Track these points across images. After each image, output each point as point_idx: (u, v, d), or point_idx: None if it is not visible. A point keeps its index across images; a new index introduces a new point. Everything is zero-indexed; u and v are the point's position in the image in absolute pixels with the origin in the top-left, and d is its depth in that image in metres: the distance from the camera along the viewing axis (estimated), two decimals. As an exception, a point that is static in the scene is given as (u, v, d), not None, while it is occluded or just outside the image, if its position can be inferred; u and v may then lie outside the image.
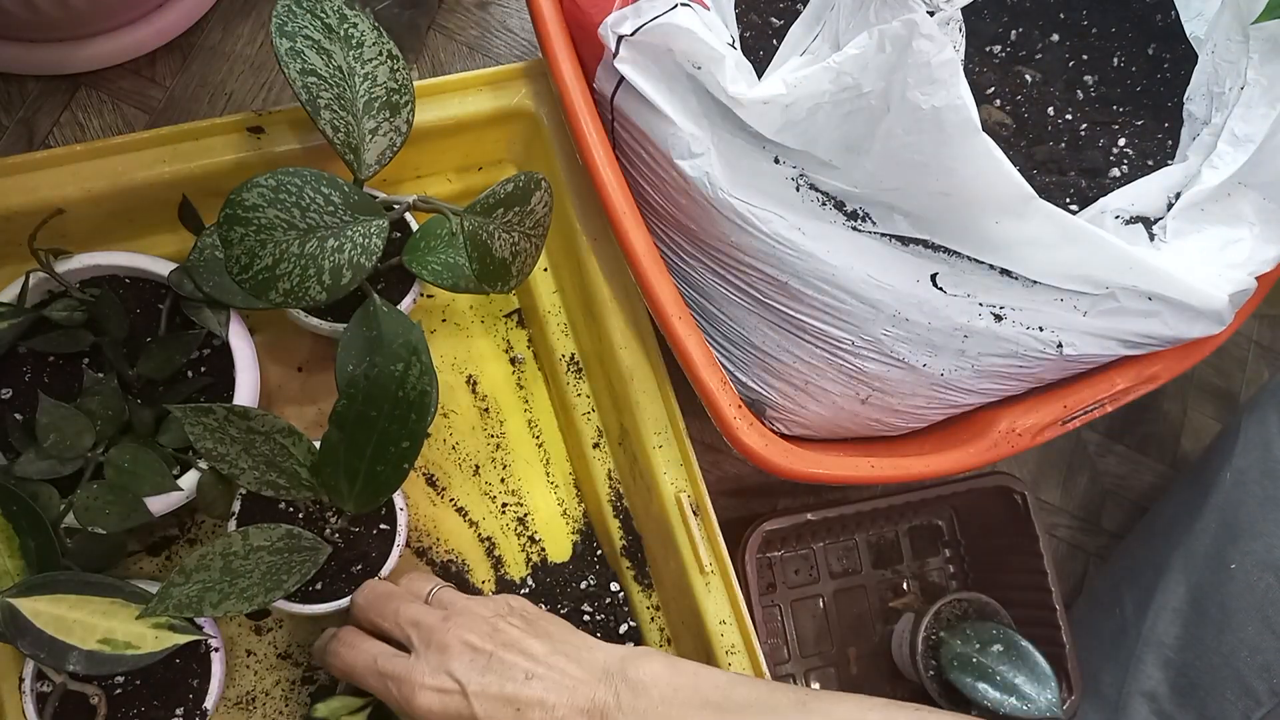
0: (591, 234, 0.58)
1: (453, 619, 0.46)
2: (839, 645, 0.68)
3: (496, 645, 0.45)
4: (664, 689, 0.43)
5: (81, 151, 0.51)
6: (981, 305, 0.49)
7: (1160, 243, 0.51)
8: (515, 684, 0.43)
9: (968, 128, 0.43)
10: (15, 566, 0.44)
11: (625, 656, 0.45)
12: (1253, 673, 0.59)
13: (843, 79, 0.44)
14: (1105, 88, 0.62)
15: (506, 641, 0.45)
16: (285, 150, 0.54)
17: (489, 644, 0.45)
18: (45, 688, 0.46)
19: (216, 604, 0.45)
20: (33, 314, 0.48)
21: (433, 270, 0.50)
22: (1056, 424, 0.56)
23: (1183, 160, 0.55)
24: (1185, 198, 0.52)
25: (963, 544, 0.72)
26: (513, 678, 0.43)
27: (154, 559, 0.55)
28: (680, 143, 0.49)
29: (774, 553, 0.68)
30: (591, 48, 0.52)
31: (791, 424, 0.58)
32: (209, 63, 0.65)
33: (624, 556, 0.60)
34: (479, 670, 0.44)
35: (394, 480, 0.47)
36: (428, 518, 0.59)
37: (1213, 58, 0.55)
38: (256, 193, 0.43)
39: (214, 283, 0.49)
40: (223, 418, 0.45)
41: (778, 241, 0.49)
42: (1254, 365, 0.84)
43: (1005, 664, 0.61)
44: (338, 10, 0.49)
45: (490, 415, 0.62)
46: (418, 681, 0.44)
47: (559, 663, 0.44)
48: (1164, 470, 0.80)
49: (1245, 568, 0.60)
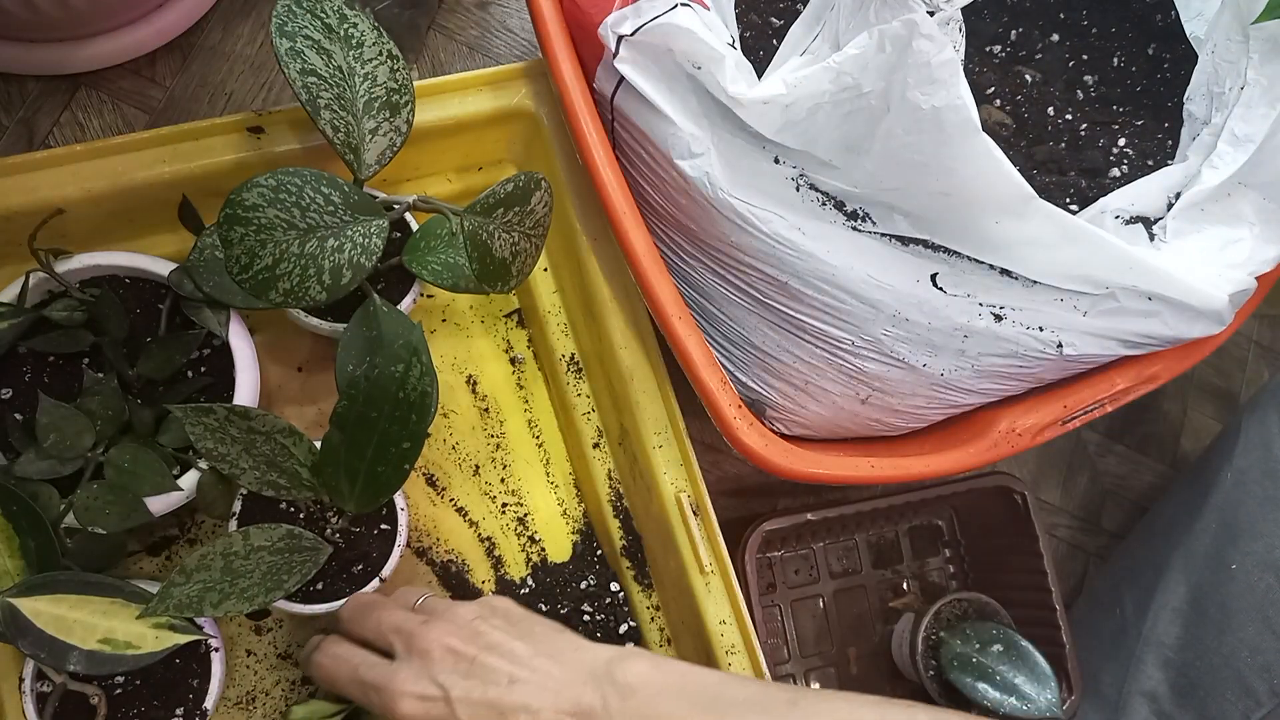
0: (591, 234, 0.58)
1: (432, 623, 0.45)
2: (839, 645, 0.68)
3: (479, 649, 0.43)
4: (652, 690, 0.42)
5: (81, 151, 0.51)
6: (981, 305, 0.49)
7: (1160, 243, 0.51)
8: (499, 688, 0.42)
9: (968, 128, 0.43)
10: (15, 566, 0.44)
11: (611, 658, 0.44)
12: (1253, 673, 0.59)
13: (843, 79, 0.44)
14: (1105, 88, 0.62)
15: (489, 645, 0.44)
16: (285, 150, 0.54)
17: (471, 648, 0.44)
18: (45, 688, 0.46)
19: (217, 604, 0.45)
20: (33, 314, 0.48)
21: (433, 270, 0.50)
22: (1056, 424, 0.56)
23: (1183, 160, 0.55)
24: (1185, 198, 0.52)
25: (963, 544, 0.72)
26: (496, 682, 0.42)
27: (154, 559, 0.55)
28: (680, 143, 0.49)
29: (774, 553, 0.68)
30: (591, 48, 0.52)
31: (791, 424, 0.58)
32: (209, 63, 0.65)
33: (624, 556, 0.60)
34: (461, 675, 0.43)
35: (395, 480, 0.47)
36: (428, 518, 0.59)
37: (1213, 58, 0.55)
38: (256, 193, 0.43)
39: (214, 283, 0.49)
40: (223, 418, 0.45)
41: (778, 241, 0.49)
42: (1254, 365, 0.84)
43: (1005, 664, 0.61)
44: (338, 10, 0.49)
45: (490, 415, 0.62)
46: (399, 690, 0.43)
47: (543, 665, 0.43)
48: (1164, 470, 0.80)
49: (1246, 568, 0.60)
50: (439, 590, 0.59)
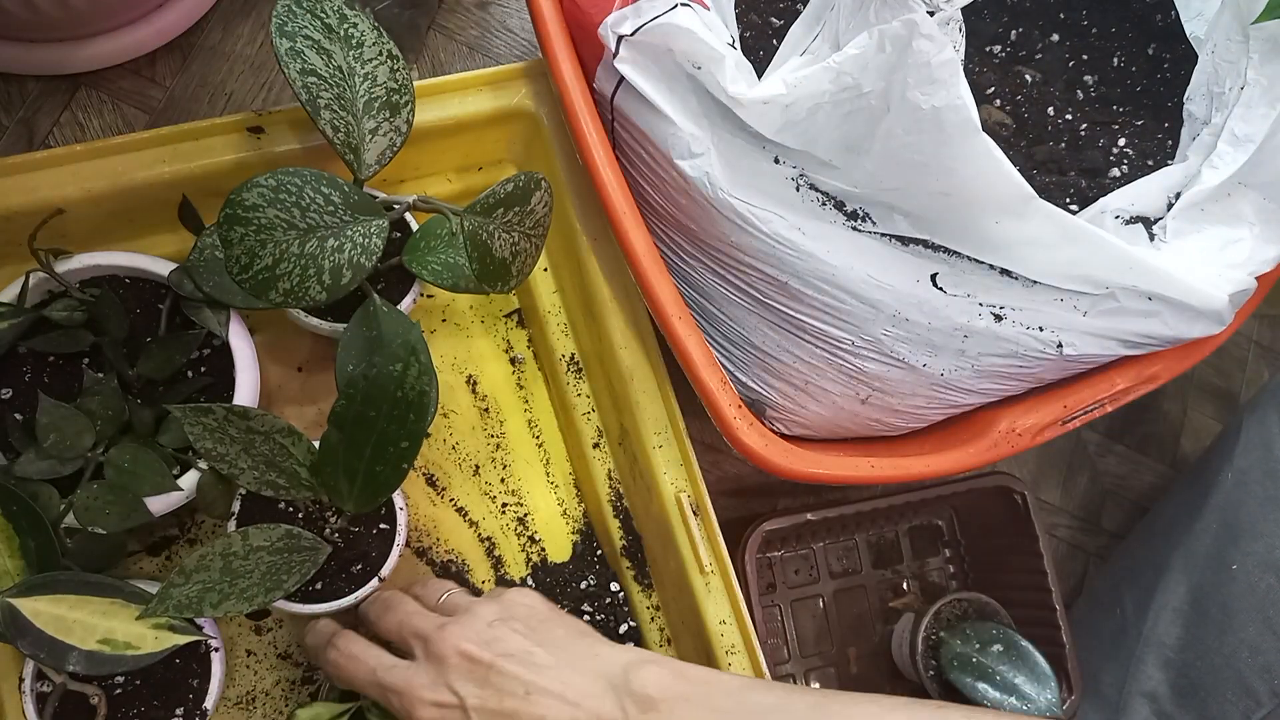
0: (591, 234, 0.58)
1: (449, 627, 0.45)
2: (839, 645, 0.68)
3: (495, 655, 0.43)
4: (673, 701, 0.41)
5: (81, 151, 0.51)
6: (981, 305, 0.49)
7: (1160, 243, 0.51)
8: (515, 699, 0.42)
9: (968, 127, 0.43)
10: (15, 566, 0.44)
11: (630, 664, 0.43)
12: (1254, 673, 0.59)
13: (843, 79, 0.44)
14: (1105, 88, 0.62)
15: (505, 651, 0.43)
16: (285, 150, 0.54)
17: (487, 653, 0.43)
18: (45, 688, 0.46)
19: (217, 604, 0.45)
20: (33, 314, 0.48)
21: (433, 270, 0.50)
22: (1056, 424, 0.56)
23: (1183, 160, 0.55)
24: (1185, 198, 0.52)
25: (963, 544, 0.72)
26: (513, 692, 0.42)
27: (154, 559, 0.55)
28: (680, 143, 0.49)
29: (774, 553, 0.68)
30: (591, 48, 0.52)
31: (791, 424, 0.58)
32: (209, 63, 0.65)
33: (624, 556, 0.60)
34: (477, 683, 0.42)
35: (393, 480, 0.47)
36: (428, 518, 0.59)
37: (1213, 58, 0.55)
38: (256, 193, 0.43)
39: (214, 283, 0.49)
40: (223, 418, 0.45)
41: (778, 241, 0.49)
42: (1254, 365, 0.84)
43: (1005, 664, 0.61)
44: (338, 10, 0.49)
45: (490, 415, 0.62)
46: (417, 696, 0.43)
47: (562, 675, 0.43)
48: (1164, 470, 0.80)
49: (1247, 568, 0.60)
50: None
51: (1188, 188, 0.52)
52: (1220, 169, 0.52)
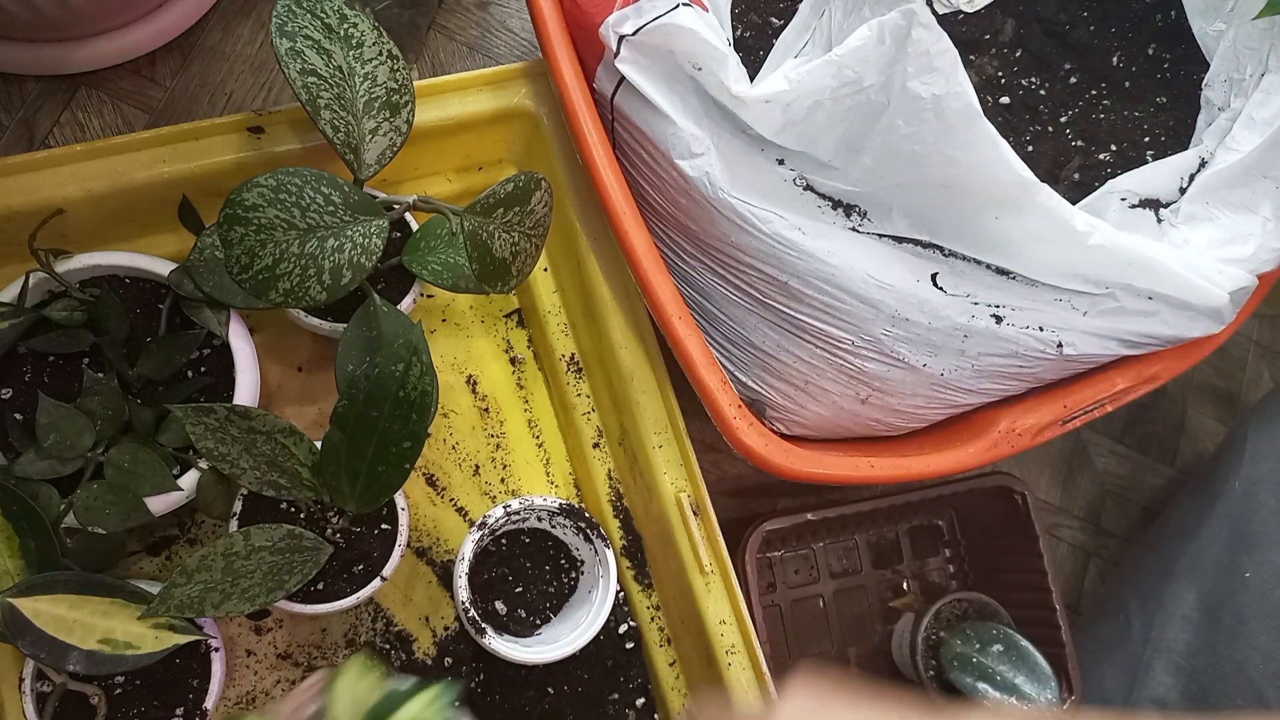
0: (591, 234, 0.58)
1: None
2: (839, 645, 0.68)
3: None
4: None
5: (81, 151, 0.51)
6: (982, 305, 0.49)
7: (1169, 227, 0.51)
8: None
9: (969, 113, 0.42)
10: (15, 566, 0.44)
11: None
12: (1266, 680, 0.59)
13: (844, 73, 0.44)
14: (1106, 87, 0.62)
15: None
16: (285, 150, 0.54)
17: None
18: (45, 688, 0.46)
19: (218, 604, 0.45)
20: (33, 314, 0.48)
21: (433, 270, 0.50)
22: (1056, 424, 0.56)
23: (1198, 144, 0.54)
24: (1200, 180, 0.51)
25: (963, 544, 0.72)
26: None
27: (154, 559, 0.55)
28: (680, 143, 0.49)
29: (774, 553, 0.68)
30: (592, 48, 0.52)
31: (791, 424, 0.58)
32: (209, 63, 0.65)
33: (624, 556, 0.60)
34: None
35: (395, 480, 0.47)
36: (428, 518, 0.59)
37: (1234, 43, 0.54)
38: (256, 193, 0.43)
39: (214, 283, 0.49)
40: (224, 418, 0.45)
41: (778, 241, 0.49)
42: (1254, 365, 0.84)
43: (1005, 664, 0.61)
44: (338, 10, 0.49)
45: (490, 415, 0.62)
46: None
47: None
48: (1164, 470, 0.80)
49: (1260, 577, 0.60)
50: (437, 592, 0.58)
51: (1203, 171, 0.51)
52: (1236, 151, 0.51)
